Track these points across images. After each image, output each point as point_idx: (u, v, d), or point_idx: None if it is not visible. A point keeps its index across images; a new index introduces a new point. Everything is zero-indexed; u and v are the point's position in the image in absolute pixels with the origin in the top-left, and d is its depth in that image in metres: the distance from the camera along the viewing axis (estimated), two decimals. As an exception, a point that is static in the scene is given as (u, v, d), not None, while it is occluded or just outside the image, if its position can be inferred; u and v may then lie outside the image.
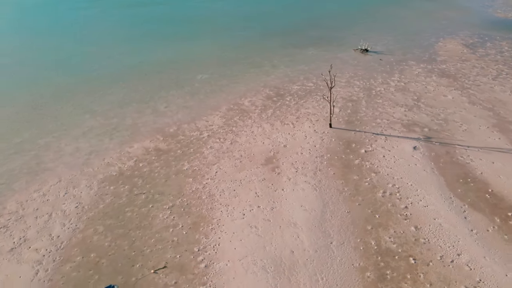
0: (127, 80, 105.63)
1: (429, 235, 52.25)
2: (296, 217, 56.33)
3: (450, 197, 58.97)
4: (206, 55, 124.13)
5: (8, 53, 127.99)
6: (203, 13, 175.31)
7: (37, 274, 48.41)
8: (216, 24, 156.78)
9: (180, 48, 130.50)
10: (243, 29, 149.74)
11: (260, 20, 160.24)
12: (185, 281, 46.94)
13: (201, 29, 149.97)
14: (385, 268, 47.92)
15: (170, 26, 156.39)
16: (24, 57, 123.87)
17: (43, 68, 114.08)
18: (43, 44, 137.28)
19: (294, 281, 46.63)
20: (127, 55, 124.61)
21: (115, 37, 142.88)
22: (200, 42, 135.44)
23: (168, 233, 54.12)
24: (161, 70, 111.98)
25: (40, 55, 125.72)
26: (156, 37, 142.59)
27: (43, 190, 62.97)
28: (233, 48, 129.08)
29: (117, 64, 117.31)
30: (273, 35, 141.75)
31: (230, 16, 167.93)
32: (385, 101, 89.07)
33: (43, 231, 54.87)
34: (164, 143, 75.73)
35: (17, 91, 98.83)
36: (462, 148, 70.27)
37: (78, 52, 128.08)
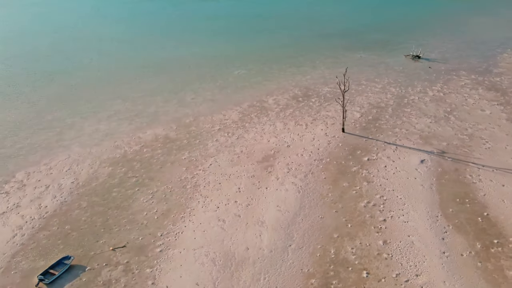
0: (169, 71, 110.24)
1: (394, 251, 49.44)
2: (267, 216, 55.96)
3: (437, 216, 55.11)
4: (253, 51, 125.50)
5: (66, 39, 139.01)
6: (264, 12, 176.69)
7: (14, 238, 53.00)
8: (275, 23, 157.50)
9: (230, 44, 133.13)
10: (299, 29, 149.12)
11: (321, 22, 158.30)
12: (136, 261, 48.85)
13: (258, 27, 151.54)
14: (333, 277, 46.26)
15: (228, 22, 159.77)
16: (78, 44, 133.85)
17: (93, 54, 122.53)
18: (99, 32, 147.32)
19: (236, 277, 46.64)
20: (179, 47, 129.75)
21: (173, 30, 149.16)
22: (253, 39, 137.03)
23: (141, 215, 56.44)
24: (204, 64, 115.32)
25: (93, 43, 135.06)
26: (210, 32, 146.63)
27: (51, 164, 68.34)
28: (282, 47, 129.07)
29: (167, 55, 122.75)
30: (329, 37, 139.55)
31: (291, 16, 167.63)
32: (414, 110, 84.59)
33: (35, 200, 59.75)
34: (175, 132, 78.44)
35: (61, 74, 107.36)
36: (475, 167, 65.09)
37: (134, 42, 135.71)
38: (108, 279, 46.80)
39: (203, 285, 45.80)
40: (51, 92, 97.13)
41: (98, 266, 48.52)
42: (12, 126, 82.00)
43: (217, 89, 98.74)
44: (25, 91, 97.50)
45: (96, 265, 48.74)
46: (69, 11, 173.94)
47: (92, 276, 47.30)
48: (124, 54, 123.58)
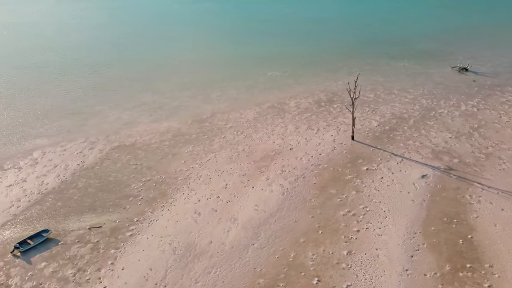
0: (205, 68, 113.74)
1: (355, 263, 48.22)
2: (242, 214, 56.72)
3: (415, 233, 52.78)
4: (293, 54, 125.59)
5: (113, 38, 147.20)
6: (312, 16, 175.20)
7: (10, 208, 58.30)
8: (322, 28, 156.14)
9: (273, 46, 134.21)
10: (346, 34, 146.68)
11: (371, 28, 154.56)
12: (105, 242, 51.84)
13: (304, 31, 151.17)
14: (282, 280, 46.13)
15: (275, 25, 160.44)
16: (133, 39, 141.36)
17: (142, 48, 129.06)
18: (157, 29, 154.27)
19: (189, 268, 47.99)
20: (224, 46, 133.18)
21: (221, 30, 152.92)
22: (296, 42, 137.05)
23: (126, 201, 59.58)
24: (242, 64, 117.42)
25: (147, 39, 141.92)
26: (257, 34, 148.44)
27: (66, 146, 73.85)
28: (323, 51, 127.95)
29: (208, 53, 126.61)
30: (376, 44, 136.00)
31: (340, 21, 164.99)
32: (437, 124, 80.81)
33: (40, 177, 65.10)
34: (188, 126, 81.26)
35: (106, 66, 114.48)
36: (480, 187, 61.28)
37: (184, 40, 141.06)
38: (74, 254, 50.09)
39: (155, 270, 47.63)
40: (91, 82, 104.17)
41: (71, 242, 52.05)
42: (47, 109, 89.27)
43: (245, 89, 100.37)
44: (68, 80, 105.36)
45: (69, 240, 52.32)
46: (141, 7, 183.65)
47: (62, 250, 50.86)
48: (170, 50, 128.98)
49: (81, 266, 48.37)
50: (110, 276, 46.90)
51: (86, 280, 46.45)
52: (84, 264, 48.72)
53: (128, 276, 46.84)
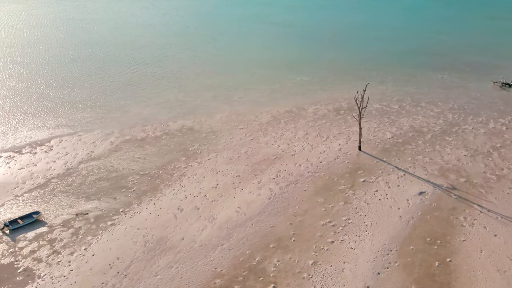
0: (235, 70, 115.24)
1: (317, 274, 47.50)
2: (221, 215, 57.49)
3: (391, 250, 51.00)
4: (328, 60, 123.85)
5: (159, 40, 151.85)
6: (354, 23, 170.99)
7: (14, 189, 62.98)
8: (363, 35, 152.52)
9: (308, 51, 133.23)
10: (390, 42, 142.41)
11: (419, 37, 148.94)
12: (87, 228, 54.68)
13: (344, 37, 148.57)
14: (238, 283, 46.40)
15: (314, 30, 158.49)
16: (176, 39, 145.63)
17: (181, 48, 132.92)
18: (203, 29, 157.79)
19: (153, 261, 49.49)
20: (258, 49, 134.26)
21: (260, 33, 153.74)
22: (333, 49, 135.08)
23: (118, 192, 62.34)
24: (273, 67, 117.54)
25: (189, 39, 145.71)
26: (295, 38, 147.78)
27: (82, 136, 78.32)
28: (360, 59, 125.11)
29: (242, 55, 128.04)
30: (420, 54, 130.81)
31: (383, 28, 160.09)
32: (456, 141, 77.04)
33: (50, 163, 69.65)
34: (200, 125, 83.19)
35: (140, 65, 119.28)
36: (477, 210, 58.01)
37: (222, 41, 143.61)
38: (55, 237, 53.25)
39: (122, 260, 49.57)
40: (124, 78, 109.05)
41: (55, 226, 55.34)
42: (75, 101, 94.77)
43: (269, 92, 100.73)
44: (104, 74, 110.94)
45: (55, 224, 55.65)
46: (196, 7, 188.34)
47: (45, 232, 54.23)
48: (204, 51, 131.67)
49: (57, 249, 51.28)
50: (80, 261, 49.37)
51: (57, 262, 49.23)
52: (60, 247, 51.61)
53: (95, 263, 49.08)
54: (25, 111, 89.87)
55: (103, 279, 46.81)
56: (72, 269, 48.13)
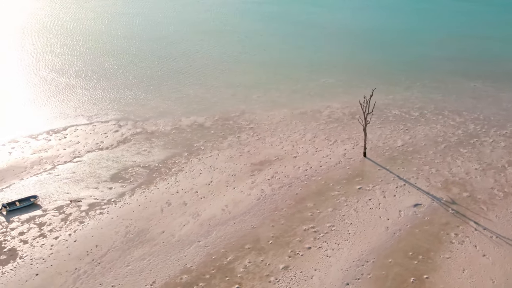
0: (260, 69, 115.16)
1: (285, 279, 47.22)
2: (206, 211, 58.22)
3: (367, 261, 49.79)
4: (356, 62, 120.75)
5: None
6: (394, 26, 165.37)
7: (21, 173, 66.70)
8: (403, 38, 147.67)
9: (337, 52, 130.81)
10: (429, 47, 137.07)
11: (461, 43, 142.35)
12: (76, 215, 57.11)
13: (380, 40, 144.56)
14: (204, 280, 46.93)
15: (345, 32, 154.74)
16: (213, 36, 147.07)
17: (206, 45, 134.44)
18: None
19: (129, 251, 50.96)
20: (286, 49, 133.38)
21: (289, 33, 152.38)
22: (365, 51, 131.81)
23: (116, 183, 64.54)
24: (299, 67, 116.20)
25: (210, 37, 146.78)
26: (322, 39, 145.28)
27: (97, 127, 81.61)
28: (392, 63, 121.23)
29: (269, 54, 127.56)
30: (457, 60, 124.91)
31: (428, 34, 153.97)
32: (470, 153, 73.63)
33: (60, 151, 73.17)
34: (211, 122, 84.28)
35: (170, 60, 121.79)
36: (472, 227, 55.43)
37: (238, 38, 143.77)
38: (45, 221, 55.99)
39: (100, 248, 51.40)
40: (151, 72, 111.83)
41: (49, 210, 58.15)
42: (99, 92, 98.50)
43: (289, 92, 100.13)
44: (133, 68, 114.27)
45: (49, 209, 58.48)
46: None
47: (38, 215, 57.12)
48: (236, 48, 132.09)
49: (44, 232, 53.88)
50: (61, 246, 51.66)
51: (40, 244, 51.75)
52: (47, 231, 54.18)
53: (75, 249, 51.18)
54: (48, 100, 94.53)
55: (78, 265, 48.70)
56: (52, 253, 50.39)
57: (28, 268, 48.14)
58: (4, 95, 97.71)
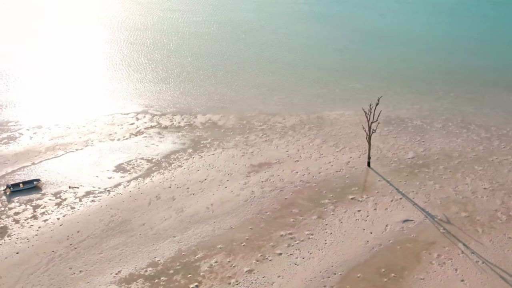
0: (292, 70, 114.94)
1: (246, 282, 47.47)
2: (191, 208, 59.49)
3: (334, 273, 48.93)
4: (392, 69, 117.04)
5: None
6: (455, 32, 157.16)
7: (34, 157, 71.32)
8: (462, 45, 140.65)
9: (374, 57, 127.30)
10: (478, 55, 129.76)
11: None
12: (69, 200, 60.40)
13: (426, 46, 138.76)
14: (167, 275, 48.10)
15: (386, 37, 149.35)
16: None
17: (251, 44, 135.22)
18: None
19: (106, 240, 53.19)
20: (322, 52, 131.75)
21: (328, 36, 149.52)
22: (414, 59, 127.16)
23: (116, 173, 67.48)
24: (329, 71, 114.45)
25: (255, 36, 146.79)
26: (360, 43, 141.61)
27: (115, 119, 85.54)
28: (435, 72, 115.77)
29: (303, 57, 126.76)
30: (504, 70, 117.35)
31: (487, 41, 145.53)
32: (485, 171, 69.80)
33: (75, 139, 77.35)
34: (224, 121, 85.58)
35: (206, 57, 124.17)
36: (459, 250, 52.85)
37: (278, 38, 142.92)
38: (40, 204, 59.64)
39: (81, 233, 54.07)
40: (185, 68, 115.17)
41: (47, 194, 61.85)
42: (132, 86, 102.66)
43: (312, 96, 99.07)
44: (173, 63, 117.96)
45: (47, 193, 62.20)
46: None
47: (36, 198, 60.92)
48: (271, 49, 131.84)
49: (36, 214, 57.43)
50: (48, 227, 54.86)
51: (29, 225, 55.25)
52: (40, 213, 57.69)
53: (58, 232, 54.15)
54: (75, 90, 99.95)
55: (56, 247, 51.52)
56: (37, 234, 53.61)
57: (12, 246, 51.54)
58: (34, 84, 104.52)
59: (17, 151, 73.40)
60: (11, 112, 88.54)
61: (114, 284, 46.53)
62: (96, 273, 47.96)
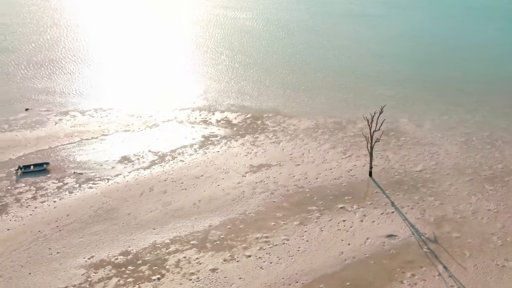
0: (324, 73, 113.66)
1: (207, 280, 48.67)
2: (178, 203, 61.36)
3: (296, 282, 48.93)
4: (435, 78, 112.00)
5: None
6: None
7: (53, 141, 76.31)
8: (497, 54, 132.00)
9: (413, 64, 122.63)
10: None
11: None
12: (70, 185, 64.32)
13: (470, 55, 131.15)
14: (135, 265, 50.19)
15: (429, 44, 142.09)
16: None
17: (289, 44, 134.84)
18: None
19: (90, 225, 56.17)
20: (371, 56, 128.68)
21: (373, 39, 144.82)
22: (457, 66, 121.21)
23: (120, 163, 70.87)
24: (363, 76, 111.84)
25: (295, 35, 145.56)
26: (401, 48, 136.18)
27: (136, 111, 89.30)
28: (476, 82, 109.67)
29: (346, 59, 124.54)
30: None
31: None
32: (495, 192, 66.22)
33: (95, 127, 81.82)
34: (239, 120, 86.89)
35: (242, 55, 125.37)
36: (437, 272, 51.10)
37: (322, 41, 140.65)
38: (43, 186, 64.00)
39: (69, 217, 57.52)
40: (217, 64, 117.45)
41: (52, 177, 66.18)
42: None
43: (335, 101, 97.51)
44: (201, 61, 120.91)
45: (53, 177, 66.53)
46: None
47: (41, 180, 65.43)
48: (311, 51, 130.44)
49: (36, 196, 61.72)
50: (42, 209, 58.86)
51: (27, 205, 59.54)
52: (40, 195, 61.94)
53: (50, 214, 57.96)
54: (106, 80, 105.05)
55: (43, 228, 55.20)
56: (31, 214, 57.69)
57: (6, 223, 55.87)
58: (72, 72, 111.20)
59: (40, 135, 78.81)
60: (49, 98, 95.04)
61: (84, 268, 49.15)
62: (71, 256, 50.86)
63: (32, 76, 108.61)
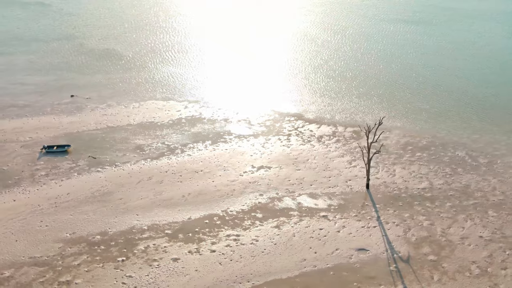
0: (372, 81, 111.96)
1: (164, 267, 51.81)
2: (169, 193, 65.24)
3: (248, 281, 50.66)
4: (482, 93, 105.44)
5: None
6: None
7: (82, 127, 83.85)
8: None
9: (464, 77, 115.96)
10: None
11: None
12: (81, 168, 70.70)
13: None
14: (108, 245, 54.61)
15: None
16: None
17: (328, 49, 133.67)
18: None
19: (83, 205, 61.66)
20: (423, 68, 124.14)
21: (425, 51, 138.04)
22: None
23: (133, 152, 76.27)
24: (409, 87, 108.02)
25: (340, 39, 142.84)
26: (455, 60, 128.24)
27: (167, 105, 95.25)
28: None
29: (400, 69, 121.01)
30: None
31: None
32: (496, 220, 62.64)
33: (123, 118, 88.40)
34: (260, 120, 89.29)
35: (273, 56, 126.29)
36: None
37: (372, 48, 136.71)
38: (58, 165, 70.89)
39: (68, 196, 63.45)
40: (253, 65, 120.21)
41: (69, 159, 73.00)
42: (188, 76, 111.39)
43: (365, 109, 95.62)
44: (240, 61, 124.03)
45: (69, 158, 73.34)
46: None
47: (60, 160, 72.51)
48: (359, 56, 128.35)
49: (49, 173, 68.61)
50: (49, 185, 65.54)
51: (38, 181, 66.54)
52: (53, 173, 68.79)
53: (53, 191, 64.33)
54: (145, 74, 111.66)
55: (43, 203, 61.53)
56: (38, 189, 64.47)
57: (14, 194, 63.03)
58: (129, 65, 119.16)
59: (73, 120, 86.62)
60: (96, 88, 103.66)
61: (62, 242, 54.36)
62: (56, 230, 56.37)
63: (88, 66, 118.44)
